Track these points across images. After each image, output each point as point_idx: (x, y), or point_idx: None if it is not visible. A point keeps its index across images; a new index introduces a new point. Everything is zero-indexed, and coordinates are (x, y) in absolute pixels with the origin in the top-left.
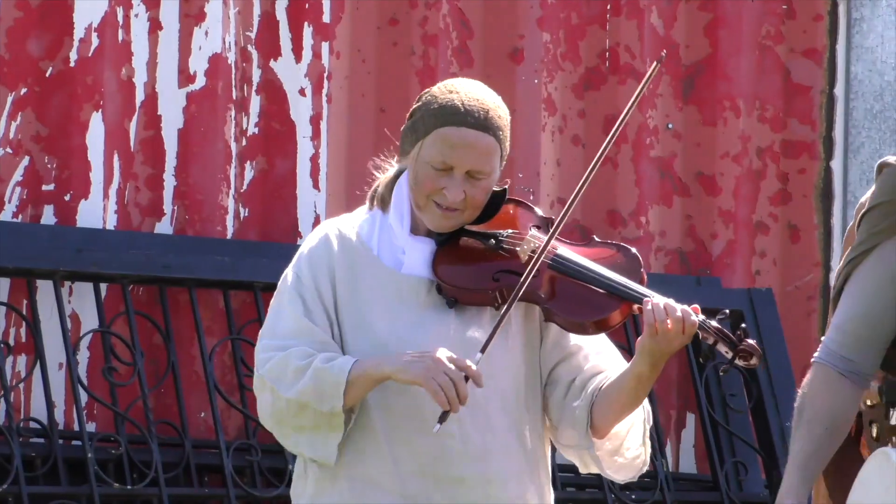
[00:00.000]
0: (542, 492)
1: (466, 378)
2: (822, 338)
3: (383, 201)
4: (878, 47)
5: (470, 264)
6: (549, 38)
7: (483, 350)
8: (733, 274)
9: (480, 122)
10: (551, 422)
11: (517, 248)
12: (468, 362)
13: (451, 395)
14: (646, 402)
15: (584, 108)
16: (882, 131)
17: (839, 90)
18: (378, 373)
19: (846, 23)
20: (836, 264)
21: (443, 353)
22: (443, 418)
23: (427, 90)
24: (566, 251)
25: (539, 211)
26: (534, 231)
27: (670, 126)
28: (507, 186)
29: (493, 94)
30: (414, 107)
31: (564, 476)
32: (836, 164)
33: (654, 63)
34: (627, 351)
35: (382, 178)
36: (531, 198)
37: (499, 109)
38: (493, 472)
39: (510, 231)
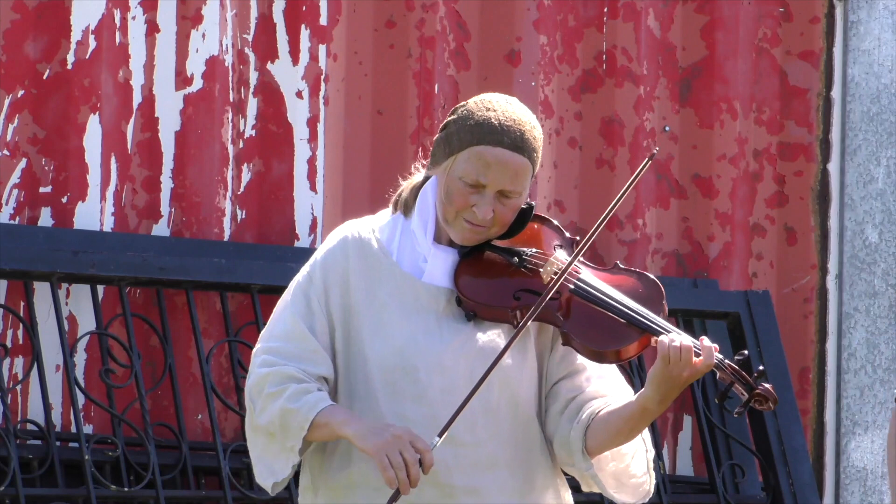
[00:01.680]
0: (556, 497)
1: (421, 463)
2: None
3: (407, 206)
4: (875, 50)
5: (492, 280)
6: (546, 40)
7: (440, 435)
8: (730, 276)
9: (516, 142)
10: (545, 434)
11: (540, 269)
12: (426, 447)
13: (402, 476)
14: (647, 433)
15: (580, 111)
16: (879, 134)
17: (836, 93)
18: (340, 432)
19: (843, 25)
20: (833, 267)
21: (406, 432)
22: (393, 499)
23: (462, 104)
24: (589, 276)
25: (563, 230)
26: (558, 252)
27: (667, 128)
28: (534, 204)
29: (529, 112)
30: (448, 119)
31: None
32: (833, 167)
33: (646, 159)
34: (628, 374)
35: (407, 183)
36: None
37: (534, 130)
38: (501, 481)
39: (534, 250)
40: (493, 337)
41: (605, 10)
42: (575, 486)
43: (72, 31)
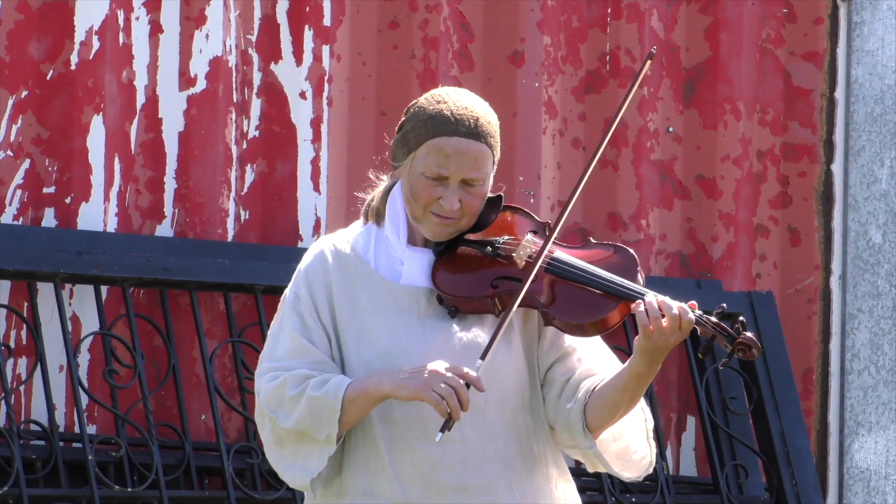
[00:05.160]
0: (547, 493)
1: (467, 384)
2: None
3: (378, 215)
4: (879, 51)
5: (468, 273)
6: (550, 41)
7: (483, 357)
8: (734, 277)
9: (471, 130)
10: (549, 422)
11: (513, 254)
12: (466, 369)
13: (454, 403)
14: (643, 402)
15: (584, 111)
16: (882, 135)
17: (840, 93)
18: (378, 392)
19: (847, 26)
20: (837, 267)
21: (439, 364)
22: (446, 427)
23: (414, 101)
24: (562, 254)
25: (535, 216)
26: (530, 236)
27: (671, 129)
28: (502, 193)
29: (481, 100)
30: (402, 119)
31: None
32: (837, 168)
33: (646, 58)
34: (626, 353)
35: (376, 192)
36: (532, 201)
37: (488, 115)
38: (490, 478)
39: (506, 237)
40: (477, 332)
41: (609, 10)
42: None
43: (75, 32)
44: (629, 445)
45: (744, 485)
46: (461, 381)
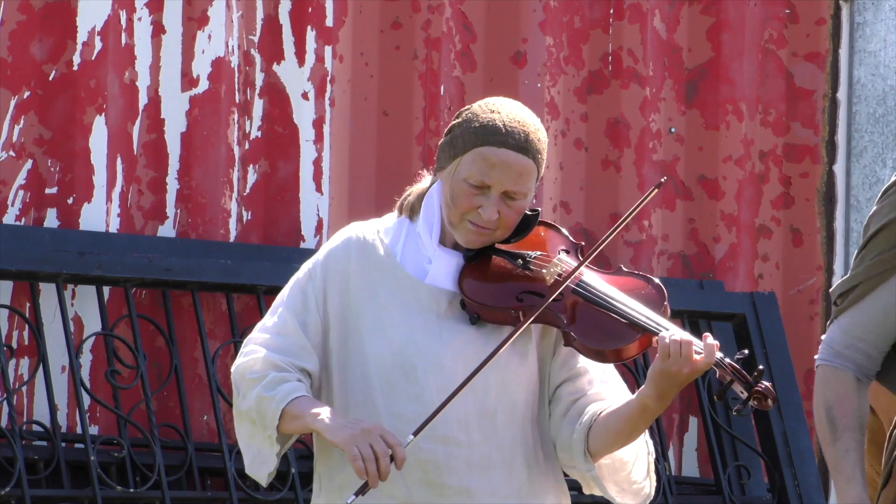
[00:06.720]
0: (554, 502)
1: (392, 458)
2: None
3: (412, 210)
4: (881, 51)
5: (495, 282)
6: (552, 41)
7: (416, 433)
8: (736, 278)
9: (521, 143)
10: (551, 439)
11: (543, 271)
12: (397, 442)
13: (371, 467)
14: (646, 434)
15: (586, 112)
16: (884, 135)
17: (842, 94)
18: (312, 424)
19: (849, 27)
20: (839, 268)
21: (377, 427)
22: (361, 491)
23: (467, 107)
24: (592, 277)
25: (570, 236)
26: (562, 255)
27: (673, 130)
28: (539, 209)
29: (533, 115)
30: (453, 122)
31: (566, 479)
32: (839, 168)
33: (653, 188)
34: (629, 370)
35: (415, 188)
36: (534, 202)
37: (539, 132)
38: (494, 484)
39: (538, 253)
40: (494, 340)
41: (611, 11)
42: (577, 488)
43: (78, 32)
44: (629, 475)
45: (746, 485)
46: (387, 452)
